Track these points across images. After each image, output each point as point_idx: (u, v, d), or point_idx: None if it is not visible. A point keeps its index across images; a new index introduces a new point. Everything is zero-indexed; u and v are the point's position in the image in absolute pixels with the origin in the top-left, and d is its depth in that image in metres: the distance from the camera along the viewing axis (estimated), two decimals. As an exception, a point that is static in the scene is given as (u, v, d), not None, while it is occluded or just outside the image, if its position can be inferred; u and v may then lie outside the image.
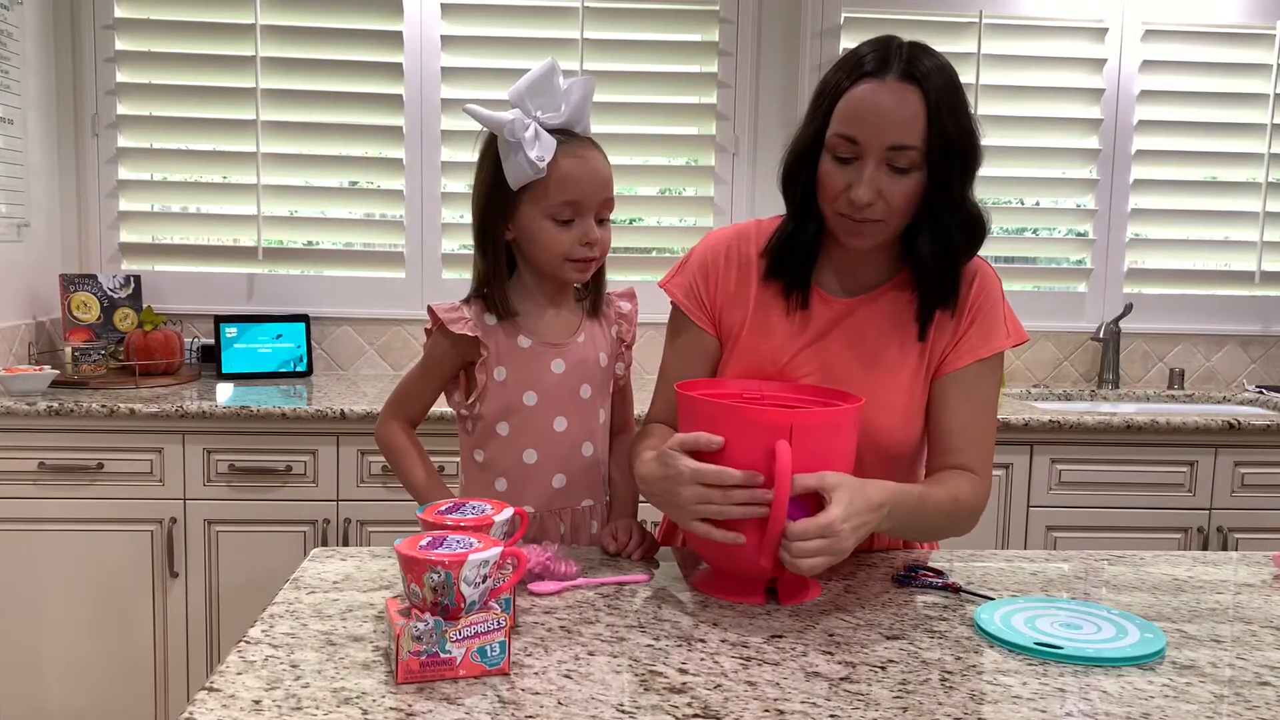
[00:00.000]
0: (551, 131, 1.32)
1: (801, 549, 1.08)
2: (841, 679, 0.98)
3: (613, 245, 1.42)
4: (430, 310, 1.41)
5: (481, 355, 1.38)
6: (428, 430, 1.52)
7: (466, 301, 1.42)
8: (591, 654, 1.02)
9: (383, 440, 1.47)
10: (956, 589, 1.24)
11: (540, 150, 1.30)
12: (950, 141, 1.22)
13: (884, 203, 1.24)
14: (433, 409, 1.49)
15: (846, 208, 1.25)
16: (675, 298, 1.43)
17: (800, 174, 1.31)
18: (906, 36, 1.32)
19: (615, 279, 1.51)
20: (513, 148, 1.30)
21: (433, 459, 1.47)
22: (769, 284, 1.39)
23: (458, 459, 1.49)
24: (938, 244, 1.28)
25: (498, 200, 1.35)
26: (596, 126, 1.39)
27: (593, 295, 1.46)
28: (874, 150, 1.22)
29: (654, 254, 3.11)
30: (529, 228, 1.35)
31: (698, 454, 1.16)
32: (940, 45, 1.62)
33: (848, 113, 1.24)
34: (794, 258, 1.36)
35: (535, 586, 1.19)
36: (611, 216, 1.40)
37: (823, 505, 1.10)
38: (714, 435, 1.15)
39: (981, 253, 1.38)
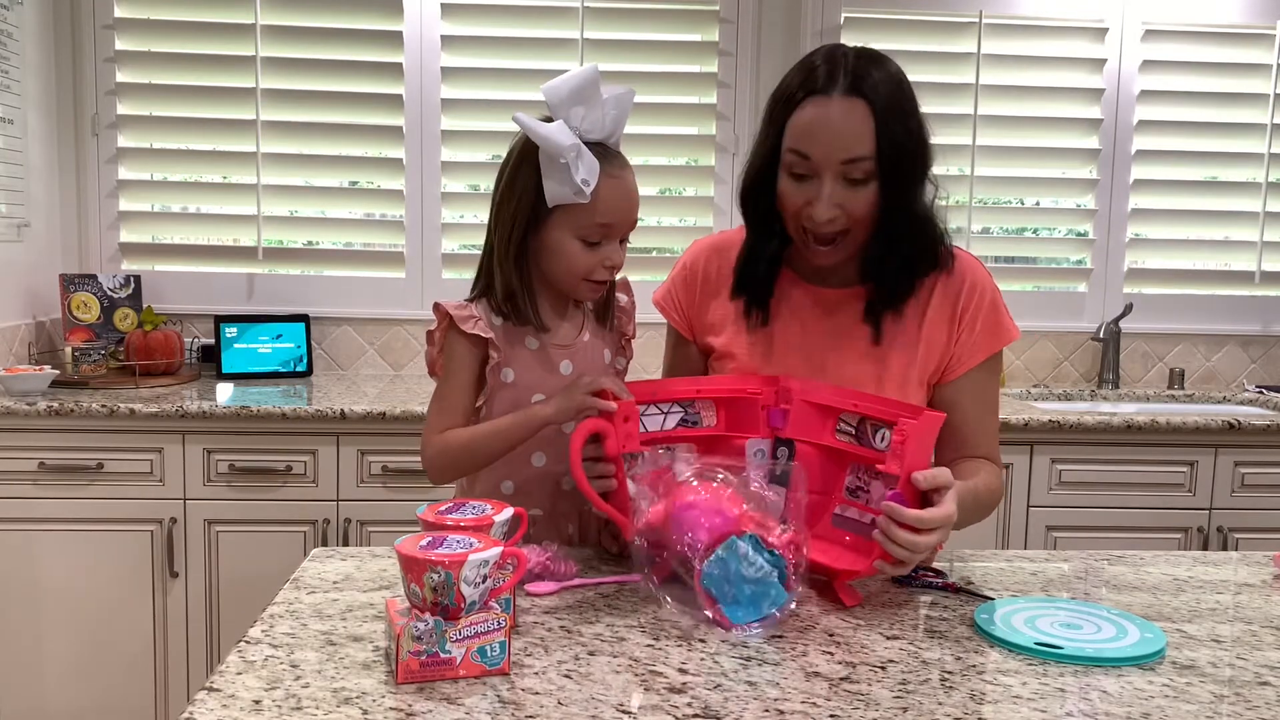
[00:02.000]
0: (591, 145, 1.28)
1: (927, 542, 1.12)
2: (841, 679, 0.98)
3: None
4: (438, 308, 1.35)
5: (492, 358, 1.34)
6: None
7: (473, 300, 1.38)
8: (591, 654, 1.02)
9: (436, 456, 1.35)
10: (956, 589, 1.24)
11: (585, 172, 1.25)
12: (900, 148, 1.25)
13: (846, 215, 1.27)
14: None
15: (809, 223, 1.29)
16: (655, 298, 1.53)
17: (760, 191, 1.34)
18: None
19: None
20: (560, 168, 1.25)
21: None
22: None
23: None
24: (884, 247, 1.32)
25: (533, 212, 1.30)
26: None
27: (601, 303, 1.43)
28: (829, 166, 1.25)
29: (654, 254, 3.11)
30: (555, 244, 1.31)
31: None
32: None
33: (799, 130, 1.27)
34: (755, 275, 1.40)
35: (533, 587, 1.19)
36: None
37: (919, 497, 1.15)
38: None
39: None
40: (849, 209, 1.27)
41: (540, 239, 1.32)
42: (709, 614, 1.08)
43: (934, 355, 1.38)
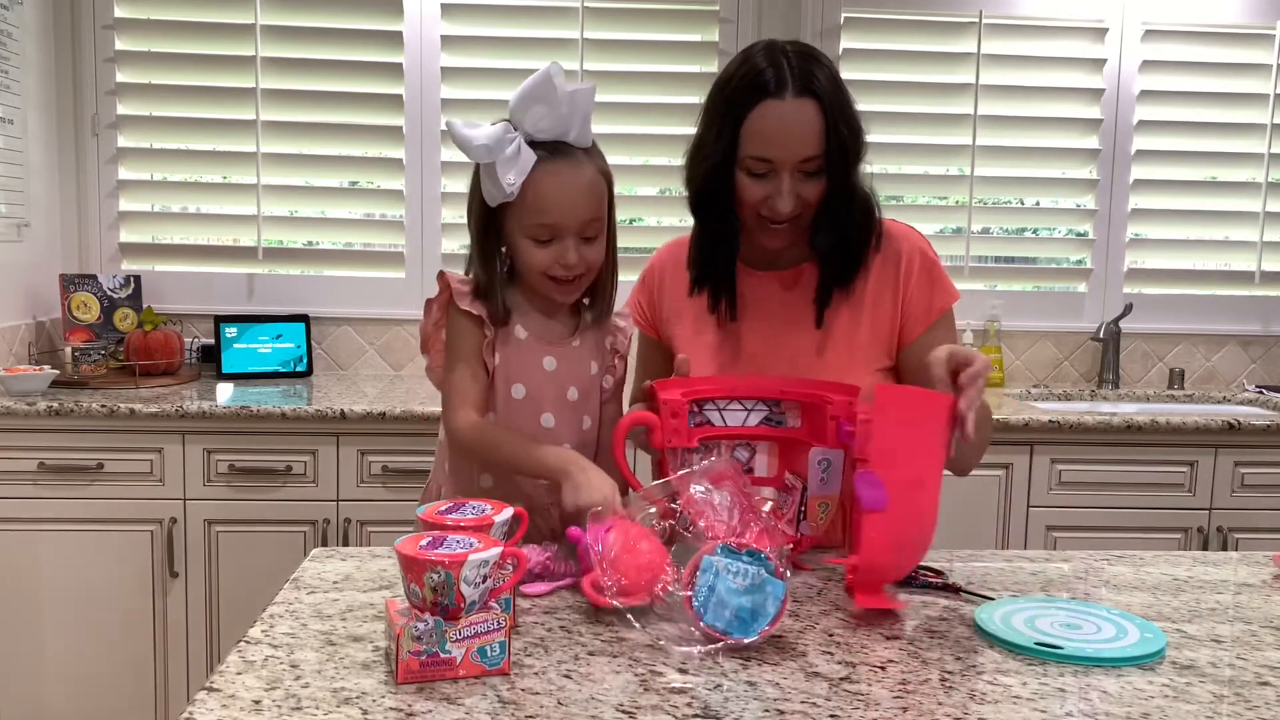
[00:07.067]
0: (544, 144, 1.29)
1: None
2: (841, 679, 0.98)
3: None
4: (442, 276, 1.39)
5: (486, 336, 1.36)
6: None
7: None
8: (591, 654, 1.02)
9: (470, 439, 1.33)
10: (956, 589, 1.24)
11: (515, 174, 1.28)
12: (845, 143, 1.34)
13: (801, 203, 1.36)
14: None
15: (769, 213, 1.37)
16: (628, 306, 1.59)
17: (716, 189, 1.39)
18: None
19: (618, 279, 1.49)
20: (486, 169, 1.30)
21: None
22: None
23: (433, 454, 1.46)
24: (835, 232, 1.40)
25: (490, 210, 1.35)
26: (597, 127, 1.37)
27: (596, 304, 1.43)
28: (787, 166, 1.34)
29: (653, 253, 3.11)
30: (511, 243, 1.36)
31: None
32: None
33: (757, 135, 1.34)
34: (717, 269, 1.47)
35: (524, 588, 1.18)
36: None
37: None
38: None
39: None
40: (805, 198, 1.36)
41: (504, 239, 1.37)
42: (720, 641, 1.03)
43: (883, 321, 1.44)
